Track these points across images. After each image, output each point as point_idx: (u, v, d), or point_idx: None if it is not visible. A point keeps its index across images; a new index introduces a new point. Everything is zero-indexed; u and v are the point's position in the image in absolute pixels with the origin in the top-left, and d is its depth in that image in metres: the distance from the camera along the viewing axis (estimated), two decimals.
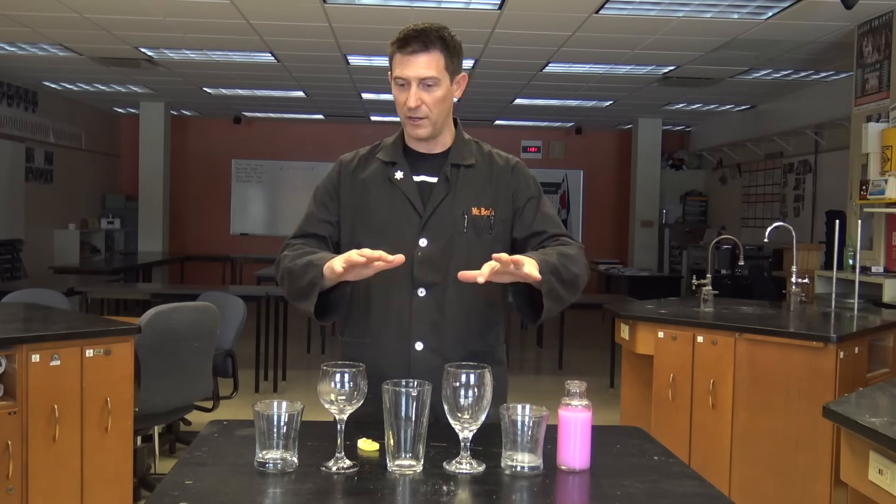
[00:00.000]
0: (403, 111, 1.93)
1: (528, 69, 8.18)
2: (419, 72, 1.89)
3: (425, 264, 1.92)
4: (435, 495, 1.36)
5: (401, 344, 1.92)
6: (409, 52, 1.89)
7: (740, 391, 3.76)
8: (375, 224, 1.96)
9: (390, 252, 1.83)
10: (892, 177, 5.05)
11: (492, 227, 1.96)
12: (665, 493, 1.41)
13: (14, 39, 7.29)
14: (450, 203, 1.95)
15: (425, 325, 1.92)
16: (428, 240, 1.93)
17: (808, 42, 6.68)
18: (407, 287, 1.92)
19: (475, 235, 1.95)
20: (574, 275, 1.87)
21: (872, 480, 2.08)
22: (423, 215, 1.94)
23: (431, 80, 1.89)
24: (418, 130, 1.94)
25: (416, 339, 1.92)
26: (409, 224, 1.94)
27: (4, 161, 9.19)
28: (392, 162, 1.99)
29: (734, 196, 11.24)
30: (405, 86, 1.91)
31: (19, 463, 3.12)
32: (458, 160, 1.99)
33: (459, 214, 1.95)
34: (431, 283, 1.92)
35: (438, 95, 1.91)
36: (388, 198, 1.96)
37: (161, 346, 3.85)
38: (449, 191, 1.96)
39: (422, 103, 1.90)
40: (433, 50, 1.89)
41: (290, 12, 6.18)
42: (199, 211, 12.90)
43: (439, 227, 1.94)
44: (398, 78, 1.91)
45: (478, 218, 1.95)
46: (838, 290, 4.72)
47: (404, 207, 1.95)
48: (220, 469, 1.47)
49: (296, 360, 7.61)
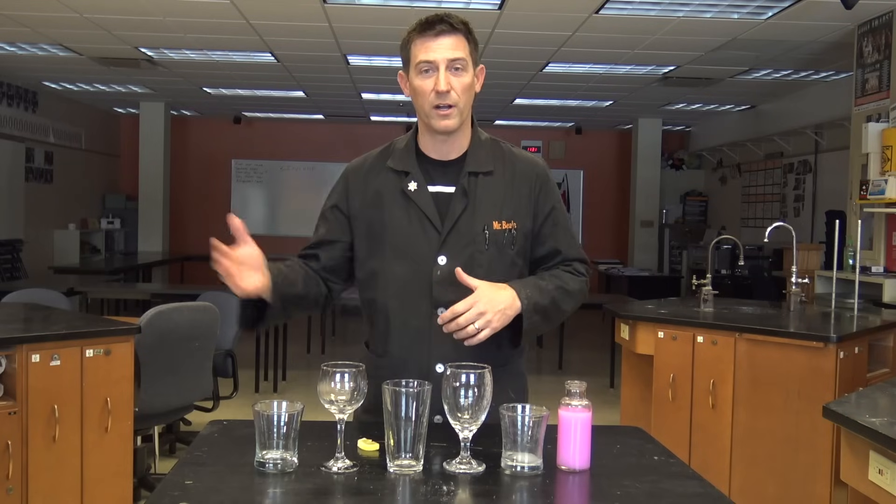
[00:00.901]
0: (429, 101, 1.77)
1: (528, 69, 8.18)
2: (447, 53, 1.75)
3: (445, 283, 1.79)
4: (435, 495, 1.36)
5: (421, 366, 1.81)
6: (436, 34, 1.75)
7: (740, 391, 3.76)
8: (391, 242, 1.84)
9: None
10: (892, 177, 5.05)
11: (514, 241, 1.85)
12: (665, 493, 1.41)
13: (14, 39, 7.29)
14: (469, 217, 1.82)
15: (446, 347, 1.78)
16: (447, 257, 1.80)
17: (808, 42, 6.68)
18: (426, 307, 1.81)
19: (497, 252, 1.83)
20: (562, 311, 1.87)
21: (872, 480, 2.08)
22: (442, 232, 1.81)
23: (461, 63, 1.76)
24: (447, 121, 1.79)
25: (437, 360, 1.80)
26: (426, 241, 1.82)
27: (4, 161, 9.19)
28: (405, 171, 1.85)
29: (734, 196, 11.24)
30: (430, 71, 1.76)
31: (19, 463, 3.12)
32: (476, 167, 1.85)
33: (480, 230, 1.82)
34: (452, 303, 1.74)
35: (467, 82, 1.78)
36: (403, 213, 1.83)
37: (161, 346, 3.85)
38: (468, 204, 1.82)
39: (451, 88, 1.76)
40: (459, 33, 1.78)
41: (290, 12, 6.18)
42: (199, 211, 12.89)
43: (458, 244, 1.81)
44: (423, 62, 1.76)
45: (499, 233, 1.83)
46: (838, 290, 4.72)
47: (421, 223, 1.82)
48: (220, 469, 1.47)
49: (296, 360, 7.62)
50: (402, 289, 1.84)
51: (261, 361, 6.61)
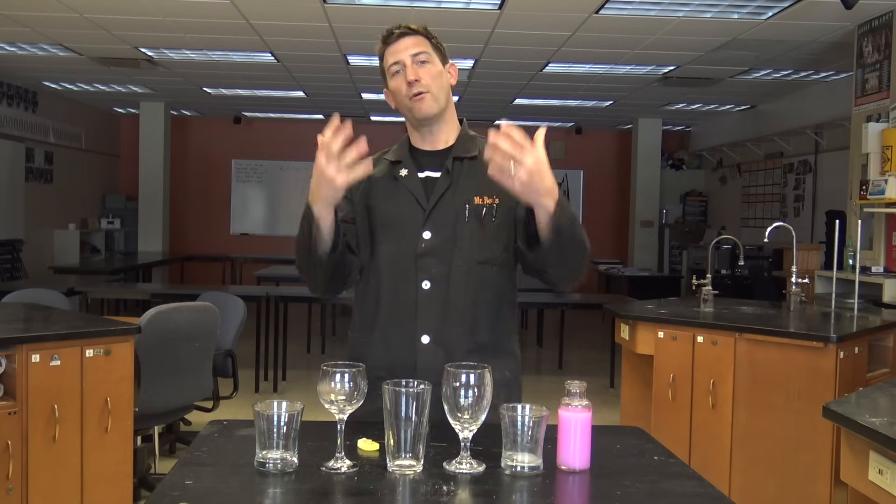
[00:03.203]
0: (404, 94, 1.93)
1: (528, 69, 8.18)
2: (410, 49, 1.93)
3: (429, 256, 1.92)
4: (435, 495, 1.36)
5: (407, 338, 1.91)
6: (396, 39, 1.94)
7: (740, 391, 3.76)
8: (382, 221, 1.96)
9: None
10: (892, 177, 5.05)
11: (494, 214, 1.93)
12: (665, 493, 1.41)
13: (14, 39, 7.29)
14: (451, 194, 1.94)
15: (431, 318, 1.91)
16: (431, 232, 1.93)
17: (808, 42, 6.68)
18: (412, 280, 1.92)
19: (478, 224, 1.93)
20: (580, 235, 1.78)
21: (872, 480, 2.08)
22: (426, 208, 1.94)
23: (424, 55, 1.93)
24: (422, 105, 1.93)
25: (423, 332, 1.91)
26: (412, 218, 1.94)
27: (4, 161, 9.19)
28: (398, 161, 2.00)
29: (734, 196, 11.24)
30: (400, 71, 1.93)
31: (19, 463, 3.12)
32: (461, 153, 1.99)
33: (461, 205, 1.94)
34: (436, 275, 1.91)
35: (434, 70, 1.94)
36: (393, 195, 1.97)
37: (161, 346, 3.85)
38: (451, 183, 1.96)
39: (419, 77, 1.91)
40: (418, 34, 1.95)
41: (290, 12, 6.18)
42: (199, 211, 12.90)
43: (442, 219, 1.93)
44: (392, 65, 1.94)
45: (479, 206, 1.93)
46: (838, 290, 4.72)
47: (409, 202, 1.95)
48: (220, 469, 1.47)
49: (296, 360, 7.62)
50: (391, 264, 1.95)
51: (261, 361, 6.62)
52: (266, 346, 6.66)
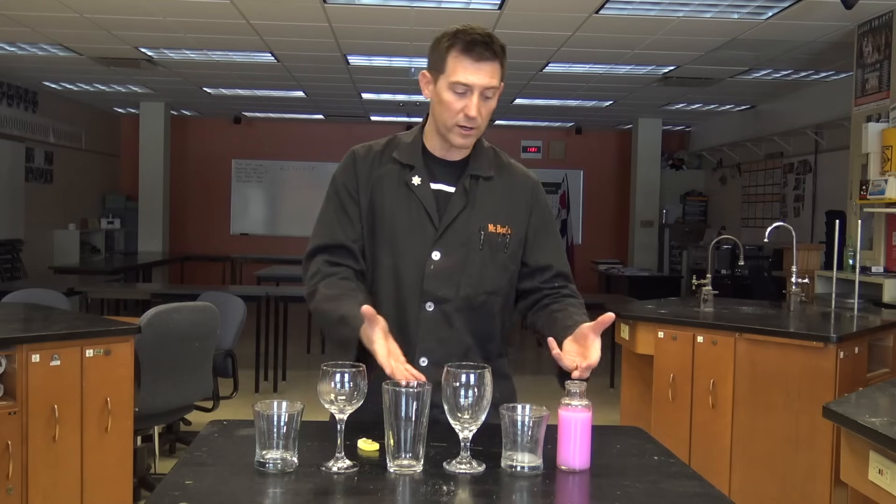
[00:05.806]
0: (455, 119, 1.82)
1: (528, 69, 8.18)
2: (485, 81, 1.79)
3: (436, 278, 1.85)
4: (435, 495, 1.36)
5: (406, 358, 1.80)
6: (478, 58, 1.79)
7: (740, 391, 3.76)
8: (389, 231, 1.88)
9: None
10: (892, 177, 5.05)
11: (507, 246, 1.90)
12: (665, 493, 1.41)
13: (14, 39, 7.29)
14: (466, 217, 1.87)
15: (431, 341, 1.85)
16: (441, 253, 1.85)
17: (808, 42, 6.68)
18: (415, 301, 1.85)
19: (490, 253, 1.88)
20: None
21: (872, 480, 2.08)
22: (439, 227, 1.86)
23: (492, 92, 1.82)
24: (466, 140, 1.85)
25: (421, 354, 1.84)
26: (423, 235, 1.86)
27: (4, 161, 9.19)
28: (410, 165, 1.90)
29: (734, 196, 11.24)
30: (465, 94, 1.80)
31: (19, 463, 3.12)
32: (478, 171, 1.90)
33: (476, 230, 1.87)
34: (441, 298, 1.84)
35: (492, 106, 1.85)
36: (404, 204, 1.88)
37: (161, 346, 3.85)
38: (467, 204, 1.88)
39: (480, 116, 1.82)
40: (497, 61, 1.81)
41: (290, 12, 6.18)
42: (199, 211, 12.90)
43: (454, 241, 1.86)
44: (459, 84, 1.79)
45: (494, 235, 1.88)
46: (838, 290, 4.72)
47: (420, 217, 1.87)
48: (220, 469, 1.47)
49: (296, 360, 7.62)
50: (394, 279, 1.88)
51: (261, 361, 6.61)
52: (266, 346, 6.65)
